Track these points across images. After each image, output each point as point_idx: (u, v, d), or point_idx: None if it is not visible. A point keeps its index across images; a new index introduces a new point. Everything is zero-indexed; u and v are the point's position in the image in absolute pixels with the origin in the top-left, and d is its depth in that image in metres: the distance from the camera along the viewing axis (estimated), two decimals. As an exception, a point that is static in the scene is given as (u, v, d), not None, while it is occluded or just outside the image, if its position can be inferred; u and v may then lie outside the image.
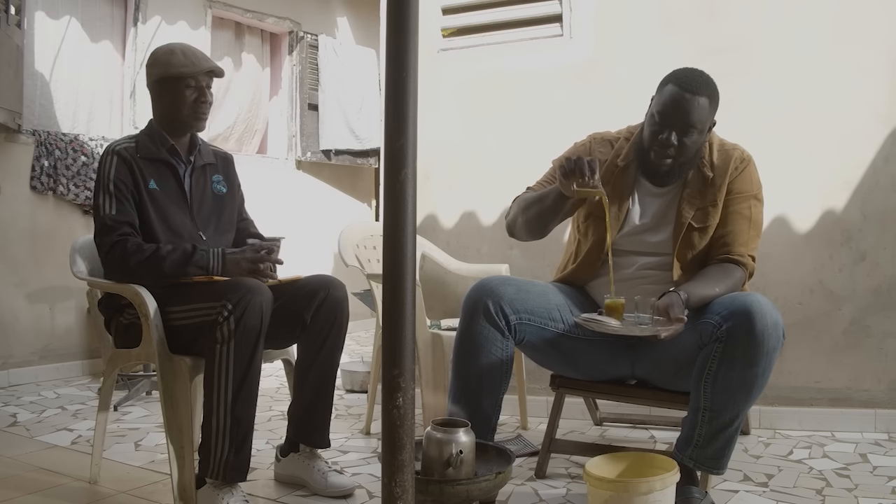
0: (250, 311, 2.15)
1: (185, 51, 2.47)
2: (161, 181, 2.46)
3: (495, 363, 2.30)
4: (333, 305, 2.44)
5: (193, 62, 2.44)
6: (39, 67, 4.63)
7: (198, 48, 2.55)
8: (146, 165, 2.44)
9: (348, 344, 2.53)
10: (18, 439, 3.11)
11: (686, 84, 2.23)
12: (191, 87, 2.44)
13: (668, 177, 2.36)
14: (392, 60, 1.30)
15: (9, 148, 4.33)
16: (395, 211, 1.30)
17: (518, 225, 2.47)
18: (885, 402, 3.10)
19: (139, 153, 2.44)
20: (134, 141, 2.48)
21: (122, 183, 2.37)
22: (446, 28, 3.73)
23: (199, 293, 2.27)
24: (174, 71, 2.42)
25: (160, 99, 2.49)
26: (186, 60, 2.44)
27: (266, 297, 2.22)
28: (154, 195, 2.42)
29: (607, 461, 2.12)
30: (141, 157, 2.44)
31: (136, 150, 2.44)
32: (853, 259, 3.14)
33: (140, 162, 2.43)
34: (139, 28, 5.09)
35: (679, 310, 2.11)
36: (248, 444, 2.23)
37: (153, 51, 2.52)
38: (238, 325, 2.14)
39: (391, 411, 1.31)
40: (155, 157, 2.46)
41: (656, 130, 2.28)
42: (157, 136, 2.49)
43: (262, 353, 2.25)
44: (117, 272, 2.34)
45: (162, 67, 2.45)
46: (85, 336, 4.68)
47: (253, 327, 2.16)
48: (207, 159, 2.61)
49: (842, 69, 3.12)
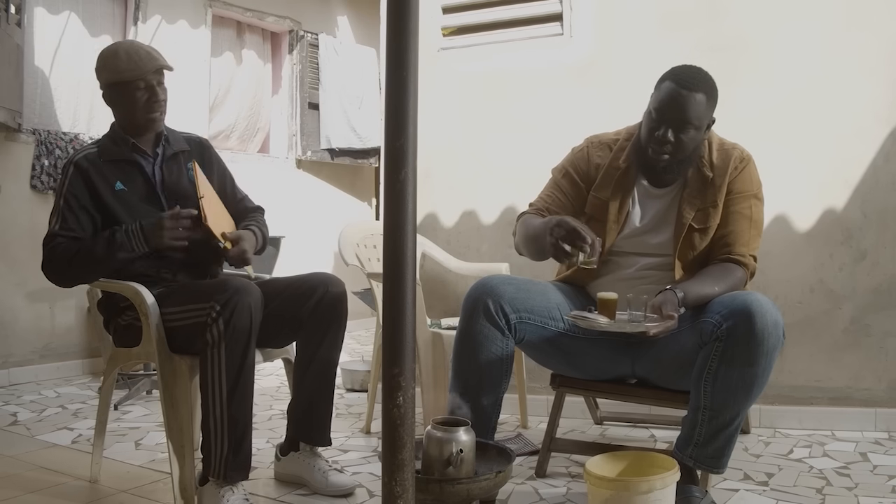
0: (239, 312, 2.15)
1: (130, 51, 2.43)
2: (128, 180, 2.44)
3: (495, 362, 2.30)
4: (332, 302, 2.44)
5: (137, 64, 2.40)
6: (39, 66, 4.62)
7: (143, 45, 2.51)
8: (110, 168, 2.43)
9: (348, 343, 2.53)
10: (19, 438, 3.12)
11: (683, 80, 2.23)
12: (140, 90, 2.41)
13: (665, 174, 2.36)
14: (392, 59, 1.30)
15: (9, 147, 4.33)
16: (396, 210, 1.30)
17: (523, 252, 2.50)
18: (886, 400, 3.10)
19: (102, 157, 2.44)
20: (96, 146, 2.48)
21: (73, 197, 2.36)
22: (446, 27, 3.73)
23: (191, 295, 2.27)
24: (119, 77, 2.40)
25: (113, 103, 2.48)
26: (131, 64, 2.40)
27: (255, 297, 2.21)
28: (121, 196, 2.41)
29: (607, 460, 2.12)
30: (104, 160, 2.43)
31: (98, 155, 2.44)
32: (853, 258, 3.14)
33: (104, 166, 2.42)
34: (139, 27, 5.08)
35: (671, 307, 2.12)
36: (247, 443, 2.23)
37: (99, 54, 2.48)
38: (227, 326, 2.14)
39: (391, 410, 1.31)
40: (118, 157, 2.45)
41: (653, 127, 2.28)
42: (118, 137, 2.49)
43: (255, 351, 2.25)
44: (60, 277, 2.35)
45: (108, 73, 2.43)
46: (85, 335, 4.69)
47: (243, 328, 2.16)
48: (179, 146, 2.57)
49: (842, 68, 3.12)
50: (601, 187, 2.45)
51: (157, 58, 2.46)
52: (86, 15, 4.88)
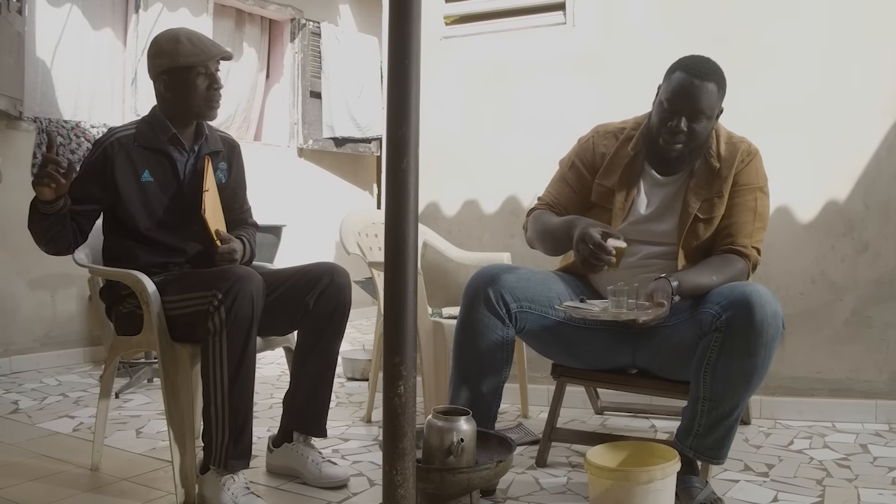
0: (240, 301, 2.14)
1: (192, 38, 2.38)
2: (156, 172, 2.40)
3: (496, 351, 2.31)
4: (336, 292, 2.43)
5: (203, 50, 2.36)
6: (40, 54, 4.61)
7: (200, 31, 2.47)
8: (142, 155, 2.39)
9: (349, 332, 2.53)
10: (20, 426, 3.12)
11: (694, 70, 2.23)
12: (202, 76, 2.36)
13: (677, 163, 2.35)
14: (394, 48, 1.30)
15: (10, 135, 4.32)
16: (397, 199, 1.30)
17: (538, 247, 2.52)
18: (886, 392, 3.11)
19: (136, 141, 2.39)
20: (134, 127, 2.43)
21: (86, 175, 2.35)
22: (449, 15, 3.71)
23: (193, 283, 2.26)
24: (183, 61, 2.34)
25: (168, 89, 2.40)
26: (195, 48, 2.35)
27: (257, 285, 2.20)
28: (144, 187, 2.38)
29: (608, 450, 2.13)
30: (138, 145, 2.39)
31: (133, 138, 2.39)
32: (855, 249, 3.13)
33: (134, 151, 2.38)
34: (140, 15, 5.07)
35: (663, 295, 2.12)
36: (248, 432, 2.22)
37: (155, 39, 2.42)
38: (229, 314, 2.13)
39: (392, 399, 1.31)
40: (153, 146, 2.40)
41: (665, 117, 2.27)
42: (158, 125, 2.42)
43: (256, 340, 2.24)
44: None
45: (168, 58, 2.35)
46: (86, 323, 4.69)
47: (244, 316, 2.15)
48: (214, 146, 2.53)
49: (846, 59, 3.11)
50: (606, 175, 2.44)
51: (218, 44, 2.42)
52: (86, 3, 4.87)
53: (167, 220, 2.41)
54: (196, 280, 2.28)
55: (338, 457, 2.70)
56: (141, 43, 5.02)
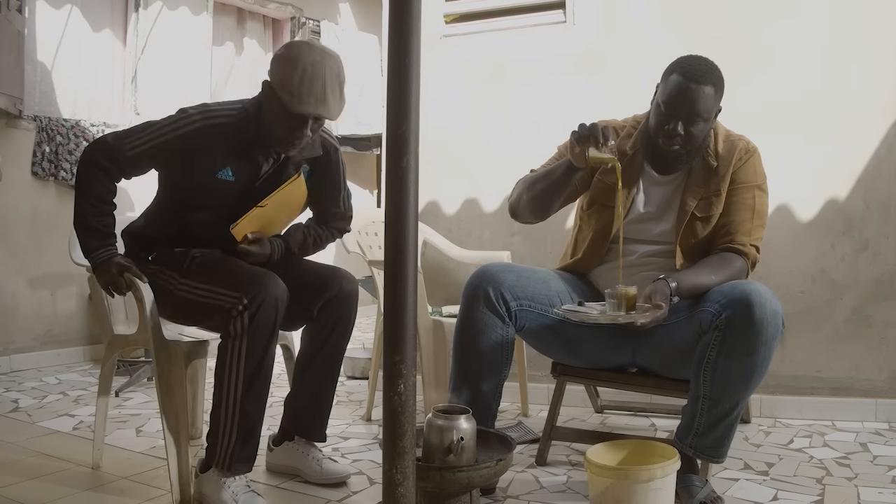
0: (265, 308, 2.11)
1: (306, 78, 2.14)
2: (238, 172, 2.28)
3: (496, 350, 2.31)
4: (343, 301, 2.41)
5: (302, 99, 2.14)
6: (40, 53, 4.61)
7: (326, 74, 2.17)
8: (226, 148, 2.25)
9: (349, 330, 2.52)
10: (20, 425, 3.12)
11: (691, 73, 2.22)
12: (293, 117, 2.18)
13: (676, 163, 2.35)
14: (394, 47, 1.30)
15: (10, 133, 4.31)
16: (397, 197, 1.30)
17: (522, 204, 2.44)
18: (886, 391, 3.11)
19: (225, 132, 2.24)
20: (229, 119, 2.25)
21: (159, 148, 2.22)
22: (449, 14, 3.71)
23: (223, 277, 2.20)
24: (281, 94, 2.16)
25: (267, 101, 2.24)
26: (299, 92, 2.14)
27: (282, 292, 2.17)
28: (219, 184, 2.26)
29: (608, 449, 2.12)
30: (227, 135, 2.24)
31: (223, 128, 2.23)
32: (855, 248, 3.13)
33: (220, 142, 2.24)
34: (140, 14, 5.06)
35: (661, 297, 2.12)
36: (256, 437, 2.21)
37: (283, 47, 2.26)
38: (252, 321, 2.10)
39: (392, 398, 1.31)
40: (241, 147, 2.27)
41: (662, 120, 2.27)
42: (255, 129, 2.26)
43: (276, 347, 2.22)
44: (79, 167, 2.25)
45: (277, 78, 2.18)
46: (86, 322, 4.69)
47: (267, 324, 2.13)
48: (311, 152, 2.38)
49: (845, 58, 3.11)
50: (606, 172, 2.44)
51: (326, 104, 2.19)
52: (86, 1, 4.86)
53: (222, 215, 2.30)
54: (225, 275, 2.21)
55: (338, 455, 2.70)
56: (140, 42, 5.02)
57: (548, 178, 2.35)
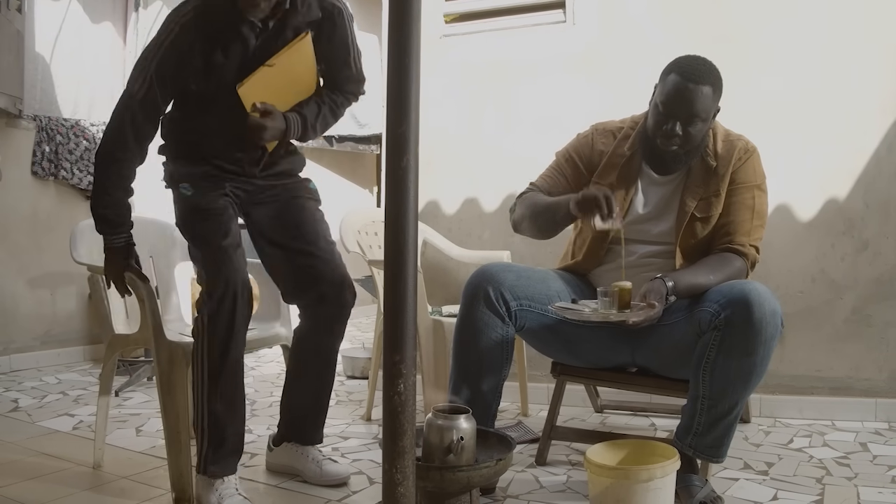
0: (224, 302, 2.08)
1: None
2: (229, 54, 2.17)
3: (495, 349, 2.31)
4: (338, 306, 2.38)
5: None
6: (40, 52, 4.60)
7: None
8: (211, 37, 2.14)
9: (349, 330, 2.51)
10: (20, 424, 3.12)
11: (689, 73, 2.22)
12: None
13: (674, 163, 2.35)
14: (394, 46, 1.30)
15: (10, 133, 4.31)
16: (397, 197, 1.30)
17: (524, 227, 2.47)
18: (886, 391, 3.11)
19: (198, 19, 2.12)
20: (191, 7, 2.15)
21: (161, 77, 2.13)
22: (449, 14, 3.71)
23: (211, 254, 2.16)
24: None
25: None
26: None
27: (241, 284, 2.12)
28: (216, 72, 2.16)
29: (608, 448, 2.13)
30: (203, 21, 2.12)
31: (193, 19, 2.13)
32: (855, 248, 3.13)
33: (205, 30, 2.13)
34: (140, 13, 5.06)
35: (656, 296, 2.12)
36: (229, 441, 2.16)
37: None
38: (210, 321, 2.09)
39: (392, 398, 1.31)
40: (218, 22, 2.14)
41: (660, 121, 2.27)
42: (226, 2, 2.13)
43: (242, 344, 2.17)
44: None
45: None
46: (86, 322, 4.69)
47: (225, 319, 2.09)
48: (308, 16, 2.24)
49: (845, 58, 3.11)
50: (604, 174, 2.44)
51: None
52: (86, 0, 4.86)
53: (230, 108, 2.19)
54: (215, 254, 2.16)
55: (337, 455, 2.70)
56: (141, 41, 5.01)
57: (550, 215, 2.36)
